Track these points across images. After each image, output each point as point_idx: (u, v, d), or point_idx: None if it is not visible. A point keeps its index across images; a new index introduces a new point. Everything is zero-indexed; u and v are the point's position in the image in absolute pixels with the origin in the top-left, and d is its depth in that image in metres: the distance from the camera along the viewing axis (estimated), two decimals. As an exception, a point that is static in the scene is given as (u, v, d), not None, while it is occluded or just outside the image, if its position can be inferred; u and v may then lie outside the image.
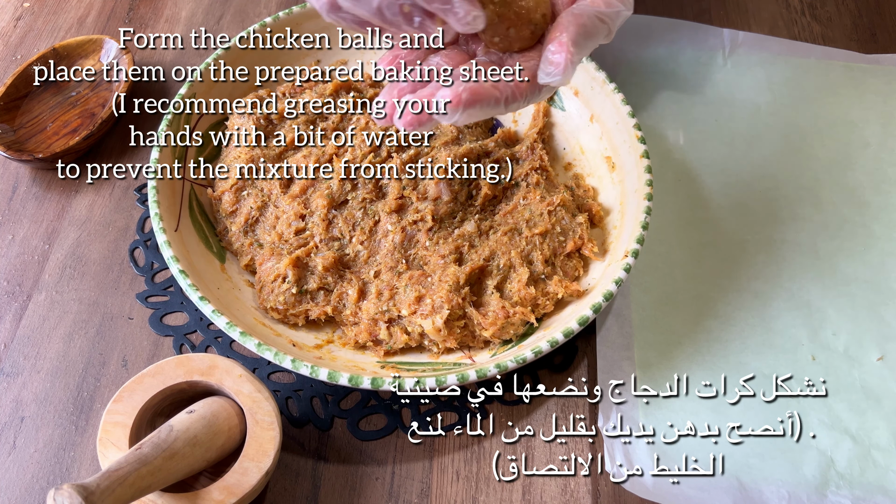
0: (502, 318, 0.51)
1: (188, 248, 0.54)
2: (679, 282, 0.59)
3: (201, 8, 0.76)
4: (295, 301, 0.53)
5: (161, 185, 0.55)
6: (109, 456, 0.44)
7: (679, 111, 0.69)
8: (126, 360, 0.55)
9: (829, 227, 0.62)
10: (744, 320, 0.57)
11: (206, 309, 0.49)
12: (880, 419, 0.53)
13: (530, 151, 0.60)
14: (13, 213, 0.62)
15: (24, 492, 0.50)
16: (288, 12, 0.63)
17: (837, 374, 0.55)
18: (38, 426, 0.52)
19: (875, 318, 0.57)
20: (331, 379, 0.47)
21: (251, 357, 0.55)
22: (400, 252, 0.55)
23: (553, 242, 0.55)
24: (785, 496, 0.49)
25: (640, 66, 0.71)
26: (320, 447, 0.52)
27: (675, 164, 0.65)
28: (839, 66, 0.72)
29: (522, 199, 0.57)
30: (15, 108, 0.66)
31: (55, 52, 0.68)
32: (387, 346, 0.53)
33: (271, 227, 0.56)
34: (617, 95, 0.60)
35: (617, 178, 0.59)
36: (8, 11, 0.76)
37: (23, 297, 0.58)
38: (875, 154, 0.67)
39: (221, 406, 0.46)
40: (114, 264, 0.59)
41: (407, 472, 0.51)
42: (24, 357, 0.55)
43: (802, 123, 0.68)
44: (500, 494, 0.50)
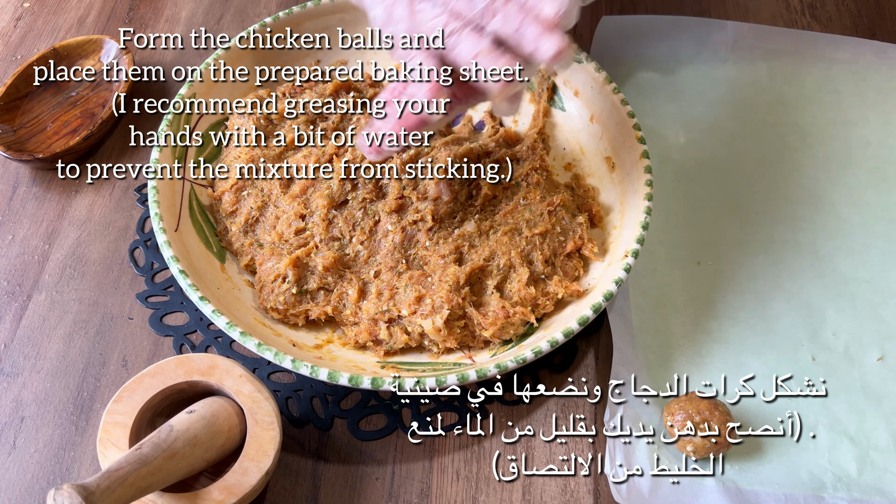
0: (502, 318, 0.51)
1: (188, 248, 0.54)
2: (679, 282, 0.59)
3: (201, 8, 0.76)
4: (295, 301, 0.53)
5: (161, 185, 0.55)
6: (109, 456, 0.44)
7: (679, 111, 0.69)
8: (126, 360, 0.55)
9: (828, 227, 0.62)
10: (744, 320, 0.57)
11: (206, 309, 0.49)
12: (880, 420, 0.53)
13: (530, 151, 0.60)
14: (13, 213, 0.62)
15: (24, 492, 0.50)
16: (288, 12, 0.63)
17: (837, 375, 0.55)
18: (38, 426, 0.52)
19: (875, 318, 0.57)
20: (331, 379, 0.47)
21: (251, 357, 0.55)
22: (400, 252, 0.55)
23: (553, 242, 0.55)
24: (782, 499, 0.49)
25: (641, 65, 0.71)
26: (320, 447, 0.52)
27: (675, 164, 0.65)
28: (841, 62, 0.72)
29: (522, 199, 0.57)
30: (15, 108, 0.66)
31: (55, 52, 0.68)
32: (387, 346, 0.53)
33: (271, 227, 0.56)
34: (617, 96, 0.60)
35: (617, 178, 0.59)
36: (8, 11, 0.76)
37: (23, 297, 0.58)
38: (875, 153, 0.67)
39: (221, 406, 0.46)
40: (114, 264, 0.59)
41: (407, 472, 0.51)
42: (24, 357, 0.55)
43: (802, 123, 0.68)
44: (500, 494, 0.50)
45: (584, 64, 0.62)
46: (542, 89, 0.64)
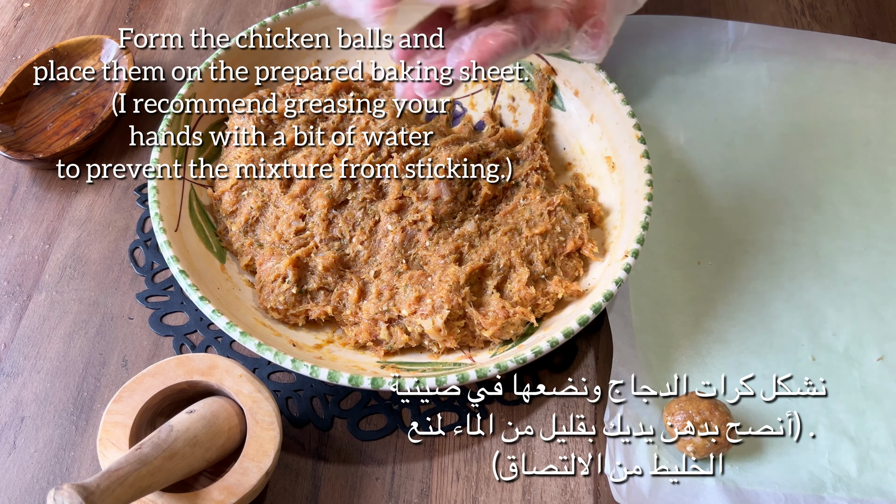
0: (502, 318, 0.51)
1: (188, 248, 0.54)
2: (679, 282, 0.59)
3: (201, 8, 0.76)
4: (295, 301, 0.53)
5: (161, 185, 0.55)
6: (109, 456, 0.44)
7: (679, 111, 0.69)
8: (126, 360, 0.55)
9: (828, 227, 0.62)
10: (744, 320, 0.57)
11: (206, 309, 0.49)
12: (880, 420, 0.53)
13: (530, 151, 0.60)
14: (13, 213, 0.62)
15: (24, 492, 0.50)
16: (288, 12, 0.63)
17: (837, 375, 0.55)
18: (38, 426, 0.52)
19: (875, 318, 0.57)
20: (331, 379, 0.47)
21: (251, 357, 0.55)
22: (400, 252, 0.55)
23: (553, 242, 0.55)
24: (782, 499, 0.49)
25: (641, 65, 0.71)
26: (320, 447, 0.52)
27: (675, 164, 0.65)
28: (841, 61, 0.72)
29: (522, 199, 0.57)
30: (15, 108, 0.66)
31: (55, 52, 0.68)
32: (387, 346, 0.53)
33: (271, 227, 0.56)
34: (617, 95, 0.60)
35: (617, 178, 0.59)
36: (8, 11, 0.76)
37: (23, 297, 0.58)
38: (875, 153, 0.67)
39: (221, 406, 0.46)
40: (114, 264, 0.59)
41: (407, 472, 0.51)
42: (24, 357, 0.55)
43: (802, 122, 0.68)
44: (500, 494, 0.50)
45: (584, 64, 0.62)
46: (542, 89, 0.64)
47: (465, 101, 0.66)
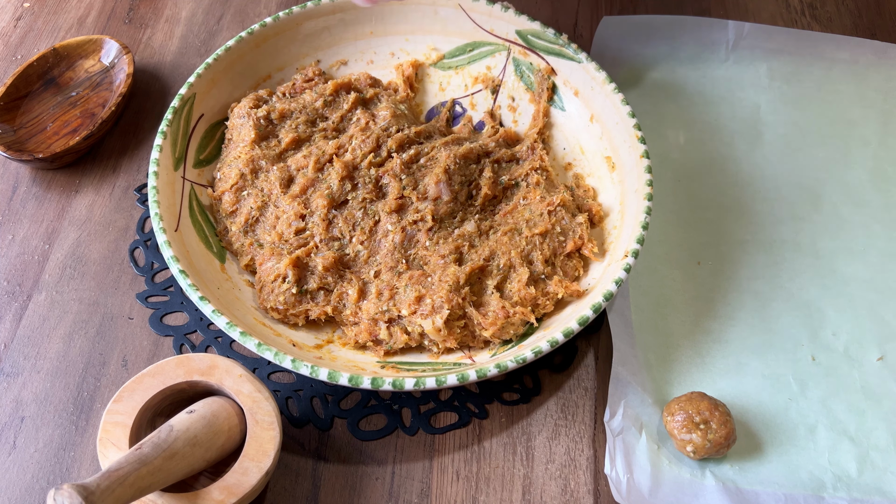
0: (502, 318, 0.51)
1: (188, 248, 0.54)
2: (679, 282, 0.59)
3: (201, 8, 0.76)
4: (295, 301, 0.53)
5: (161, 185, 0.55)
6: (109, 456, 0.44)
7: (679, 111, 0.69)
8: (126, 360, 0.55)
9: (828, 227, 0.62)
10: (744, 320, 0.57)
11: (206, 309, 0.49)
12: (879, 420, 0.53)
13: (530, 151, 0.60)
14: (13, 213, 0.62)
15: (24, 492, 0.50)
16: (288, 12, 0.63)
17: (837, 375, 0.55)
18: (38, 426, 0.52)
19: (875, 318, 0.57)
20: (331, 379, 0.47)
21: (251, 357, 0.55)
22: (400, 252, 0.55)
23: (553, 242, 0.55)
24: (781, 499, 0.49)
25: (641, 65, 0.71)
26: (320, 447, 0.52)
27: (675, 164, 0.65)
28: (841, 61, 0.72)
29: (522, 199, 0.57)
30: (15, 108, 0.65)
31: (55, 52, 0.68)
32: (387, 346, 0.53)
33: (271, 227, 0.56)
34: (617, 95, 0.60)
35: (617, 178, 0.59)
36: (8, 11, 0.76)
37: (23, 297, 0.58)
38: (875, 152, 0.67)
39: (221, 406, 0.46)
40: (114, 264, 0.59)
41: (407, 472, 0.51)
42: (24, 357, 0.55)
43: (802, 122, 0.68)
44: (500, 494, 0.50)
45: (584, 64, 0.62)
46: (542, 89, 0.64)
47: (465, 101, 0.66)
